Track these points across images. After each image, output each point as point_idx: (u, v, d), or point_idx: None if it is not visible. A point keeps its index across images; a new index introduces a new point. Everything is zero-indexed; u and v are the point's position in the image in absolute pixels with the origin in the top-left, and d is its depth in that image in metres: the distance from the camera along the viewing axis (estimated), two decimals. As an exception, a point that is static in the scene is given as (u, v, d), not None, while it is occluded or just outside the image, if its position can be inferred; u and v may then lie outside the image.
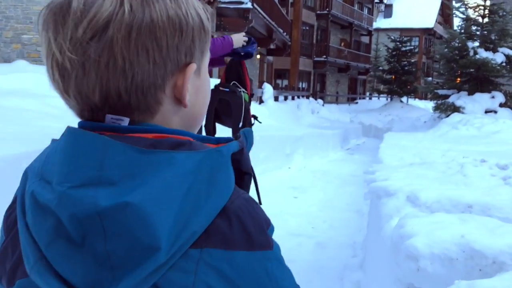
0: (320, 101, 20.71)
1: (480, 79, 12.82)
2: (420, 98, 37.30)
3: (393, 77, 27.45)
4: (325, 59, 30.92)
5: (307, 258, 3.44)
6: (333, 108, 22.41)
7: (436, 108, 13.35)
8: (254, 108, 10.73)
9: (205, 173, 0.52)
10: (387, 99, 28.67)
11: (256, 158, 7.08)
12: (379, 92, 28.90)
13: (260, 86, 12.68)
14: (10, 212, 0.59)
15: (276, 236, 0.58)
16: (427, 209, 1.99)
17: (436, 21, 47.10)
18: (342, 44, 35.54)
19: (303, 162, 9.01)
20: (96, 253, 0.48)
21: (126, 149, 0.50)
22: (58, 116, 4.66)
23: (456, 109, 12.35)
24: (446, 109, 12.76)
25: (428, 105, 31.84)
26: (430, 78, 21.16)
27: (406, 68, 27.36)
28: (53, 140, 0.57)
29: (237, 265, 0.51)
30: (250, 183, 0.63)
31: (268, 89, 12.34)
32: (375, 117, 22.42)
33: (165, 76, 0.56)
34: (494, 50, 12.44)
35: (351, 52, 34.91)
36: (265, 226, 0.55)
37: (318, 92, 28.60)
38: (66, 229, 0.48)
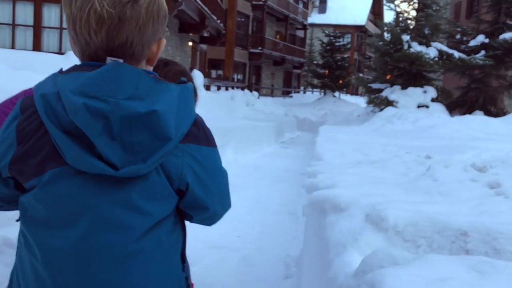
0: (255, 93, 20.12)
1: (413, 74, 12.79)
2: (351, 94, 38.09)
3: (327, 71, 27.66)
4: (261, 51, 30.48)
5: (228, 280, 2.72)
6: (268, 101, 21.99)
7: (369, 102, 13.21)
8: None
9: (184, 97, 0.92)
10: (320, 94, 28.86)
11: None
12: (313, 86, 28.99)
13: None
14: (25, 125, 0.88)
15: (193, 249, 0.42)
16: (398, 236, 1.35)
17: (367, 18, 48.34)
18: (278, 36, 35.29)
19: (234, 156, 8.32)
20: (124, 143, 0.85)
21: (149, 78, 0.89)
22: None
23: (389, 103, 12.22)
24: (379, 103, 12.62)
25: (358, 100, 32.55)
26: (361, 74, 21.36)
27: (339, 63, 27.63)
28: (69, 70, 0.90)
29: (203, 154, 0.95)
30: None
31: (198, 76, 11.47)
32: (309, 111, 22.36)
33: (154, 40, 0.95)
34: (427, 45, 12.43)
35: (287, 46, 34.75)
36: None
37: (254, 84, 28.05)
38: (111, 127, 0.84)
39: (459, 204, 1.59)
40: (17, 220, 0.96)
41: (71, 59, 7.91)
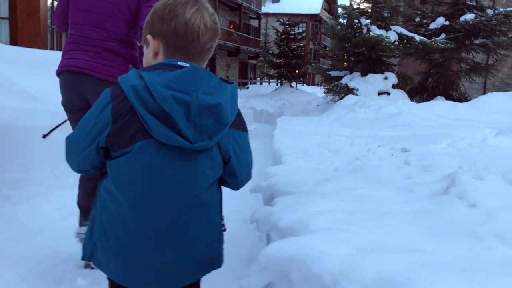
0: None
1: (372, 60, 12.21)
2: (308, 84, 37.76)
3: (283, 61, 27.01)
4: (214, 42, 29.43)
5: None
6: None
7: (329, 91, 12.51)
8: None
9: (234, 94, 1.24)
10: (277, 84, 28.23)
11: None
12: (270, 77, 28.24)
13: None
14: (118, 109, 1.17)
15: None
16: None
17: (322, 7, 48.16)
18: (232, 26, 34.34)
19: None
20: (196, 125, 1.14)
21: (216, 79, 1.20)
22: None
23: (349, 91, 11.58)
24: (339, 91, 11.96)
25: (316, 90, 32.22)
26: (317, 63, 20.85)
27: (295, 52, 27.03)
28: (165, 69, 1.19)
29: (241, 137, 1.28)
30: None
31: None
32: (266, 102, 21.66)
33: None
34: (387, 29, 11.85)
35: (241, 36, 33.87)
36: None
37: (208, 76, 26.98)
38: (189, 113, 1.13)
39: None
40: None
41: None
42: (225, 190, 1.38)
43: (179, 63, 1.20)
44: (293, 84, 27.87)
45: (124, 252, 1.18)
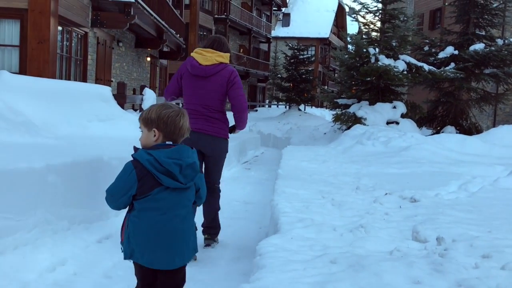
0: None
1: (381, 88, 12.07)
2: (317, 106, 37.63)
3: (291, 84, 26.98)
4: (224, 65, 29.58)
5: None
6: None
7: (336, 119, 12.34)
8: (126, 119, 8.63)
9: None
10: (285, 107, 28.17)
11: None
12: (278, 100, 28.22)
13: (141, 92, 10.65)
14: (139, 173, 2.10)
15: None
16: None
17: (331, 31, 48.43)
18: (241, 50, 34.57)
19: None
20: (185, 175, 2.15)
21: (191, 150, 2.27)
22: None
23: (357, 120, 11.43)
24: (347, 120, 11.81)
25: (324, 112, 32.05)
26: (326, 87, 20.74)
27: (303, 76, 27.01)
28: (156, 149, 2.17)
29: (201, 177, 2.40)
30: None
31: (149, 95, 10.36)
32: (274, 125, 21.53)
33: None
34: (395, 58, 11.74)
35: (251, 59, 34.05)
36: None
37: (216, 99, 27.01)
38: (181, 169, 2.14)
39: None
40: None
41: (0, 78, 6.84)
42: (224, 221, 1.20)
43: (167, 143, 2.17)
44: (302, 107, 27.79)
45: (149, 249, 2.13)
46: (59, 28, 10.38)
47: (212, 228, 4.04)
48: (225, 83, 3.80)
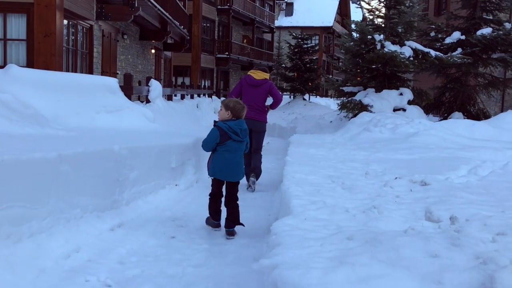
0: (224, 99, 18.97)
1: (387, 75, 12.00)
2: (321, 96, 37.45)
3: (296, 74, 26.88)
4: (228, 56, 29.52)
5: None
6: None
7: (342, 107, 12.28)
8: (133, 110, 8.63)
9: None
10: (290, 97, 28.05)
11: (126, 179, 5.21)
12: (283, 90, 28.13)
13: (146, 83, 10.63)
14: (221, 132, 4.40)
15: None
16: None
17: (335, 20, 48.06)
18: (245, 41, 34.42)
19: (194, 176, 7.26)
20: (242, 134, 4.55)
21: (243, 121, 4.69)
22: None
23: (363, 107, 11.38)
24: (353, 107, 11.76)
25: (329, 102, 31.89)
26: (330, 76, 20.61)
27: (308, 65, 26.88)
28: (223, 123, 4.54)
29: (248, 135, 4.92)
30: None
31: (155, 86, 10.33)
32: (279, 115, 21.45)
33: None
34: (401, 44, 11.64)
35: (254, 49, 33.91)
36: None
37: (222, 90, 27.00)
38: (241, 131, 4.47)
39: None
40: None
41: (8, 72, 6.87)
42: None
43: (234, 119, 4.36)
44: (306, 96, 27.69)
45: (222, 168, 4.38)
46: (65, 21, 10.38)
47: (257, 169, 6.73)
48: (267, 90, 6.75)
